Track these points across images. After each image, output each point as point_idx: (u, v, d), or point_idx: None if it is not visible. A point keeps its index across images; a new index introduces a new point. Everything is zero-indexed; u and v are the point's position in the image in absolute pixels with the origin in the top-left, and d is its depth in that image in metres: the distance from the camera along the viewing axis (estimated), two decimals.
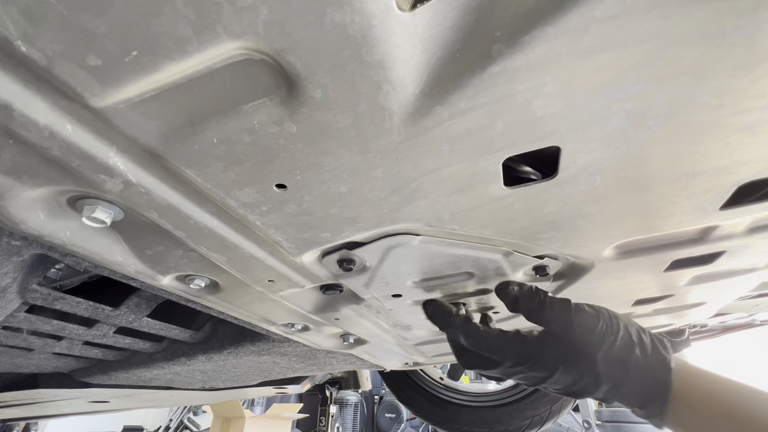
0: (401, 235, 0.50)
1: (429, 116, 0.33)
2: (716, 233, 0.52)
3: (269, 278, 0.58)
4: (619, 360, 0.50)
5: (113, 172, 0.36)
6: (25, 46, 0.25)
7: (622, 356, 0.50)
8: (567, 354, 0.52)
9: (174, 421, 4.71)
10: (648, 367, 0.49)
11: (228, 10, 0.24)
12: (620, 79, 0.30)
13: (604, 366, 0.50)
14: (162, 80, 0.28)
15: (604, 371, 0.50)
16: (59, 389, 1.28)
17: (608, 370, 0.50)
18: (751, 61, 0.29)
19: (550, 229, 0.49)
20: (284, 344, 1.01)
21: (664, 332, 1.85)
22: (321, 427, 3.54)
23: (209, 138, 0.33)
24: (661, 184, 0.41)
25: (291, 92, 0.30)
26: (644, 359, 0.50)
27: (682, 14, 0.26)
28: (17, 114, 0.29)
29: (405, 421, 6.08)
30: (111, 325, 0.86)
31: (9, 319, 0.72)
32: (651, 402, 0.49)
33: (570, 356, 0.52)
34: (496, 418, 2.02)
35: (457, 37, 0.28)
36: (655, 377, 0.49)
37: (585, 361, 0.51)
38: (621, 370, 0.50)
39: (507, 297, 0.56)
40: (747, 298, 1.04)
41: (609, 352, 0.50)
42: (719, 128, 0.34)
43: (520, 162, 0.45)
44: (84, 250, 0.47)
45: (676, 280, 0.69)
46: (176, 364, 1.09)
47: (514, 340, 0.56)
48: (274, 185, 0.39)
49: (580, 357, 0.51)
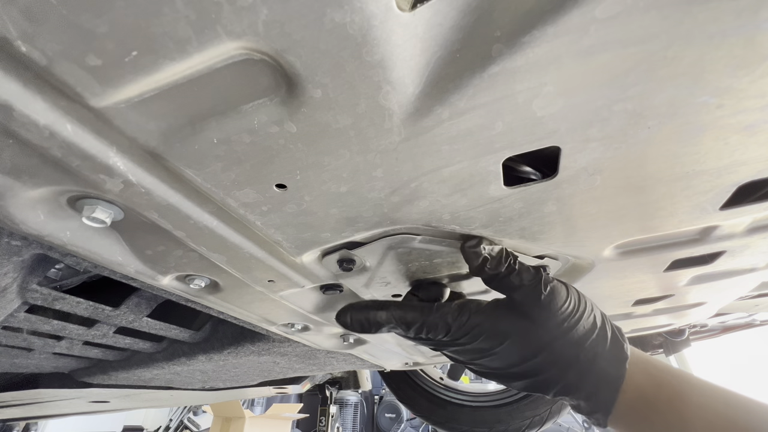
0: (401, 235, 0.50)
1: (429, 116, 0.33)
2: (716, 233, 0.52)
3: (269, 278, 0.58)
4: (576, 344, 0.45)
5: (113, 172, 0.36)
6: (25, 46, 0.25)
7: (581, 340, 0.45)
8: (523, 327, 0.46)
9: (174, 421, 4.71)
10: (606, 355, 0.45)
11: (228, 10, 0.24)
12: (620, 79, 0.30)
13: (559, 348, 0.45)
14: (162, 80, 0.28)
15: (559, 352, 0.45)
16: (59, 389, 1.28)
17: (562, 353, 0.45)
18: (751, 61, 0.29)
19: (550, 229, 0.49)
20: (284, 344, 1.01)
21: (664, 332, 1.85)
22: (321, 427, 3.54)
23: (209, 138, 0.33)
24: (661, 184, 0.41)
25: (291, 92, 0.30)
26: (602, 346, 0.45)
27: (682, 14, 0.26)
28: (17, 114, 0.29)
29: (405, 421, 6.09)
30: (111, 325, 0.86)
31: (9, 319, 0.72)
32: (598, 393, 0.45)
33: (525, 330, 0.46)
34: (496, 418, 2.02)
35: (457, 37, 0.28)
36: (610, 366, 0.44)
37: (540, 338, 0.45)
38: (575, 354, 0.44)
39: (476, 257, 0.48)
40: (747, 298, 1.04)
41: (569, 333, 0.45)
42: (719, 128, 0.34)
43: (520, 162, 0.46)
44: (84, 250, 0.47)
45: (676, 280, 0.69)
46: (176, 364, 1.09)
47: (458, 309, 0.49)
48: (274, 185, 0.39)
49: (535, 333, 0.46)
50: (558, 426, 4.59)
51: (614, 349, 0.46)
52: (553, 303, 0.46)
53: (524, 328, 0.46)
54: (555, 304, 0.46)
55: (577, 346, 0.45)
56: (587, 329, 0.46)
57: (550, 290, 0.46)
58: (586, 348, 0.45)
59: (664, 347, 2.25)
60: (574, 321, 0.45)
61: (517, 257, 0.49)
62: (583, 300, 0.48)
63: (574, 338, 0.45)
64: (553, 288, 0.47)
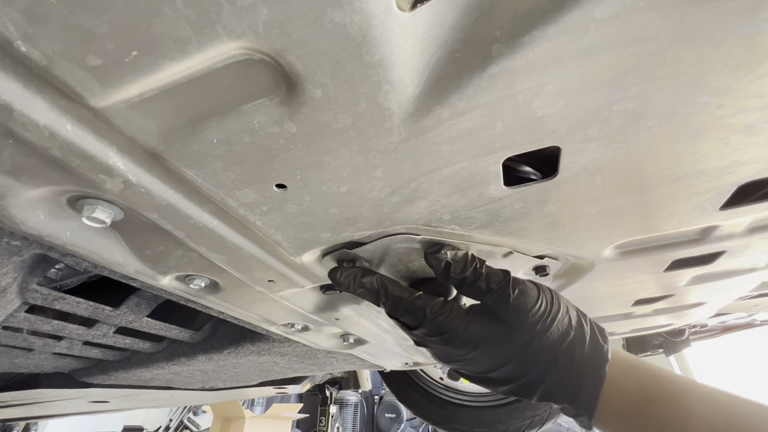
0: (401, 235, 0.50)
1: (429, 116, 0.33)
2: (716, 233, 0.52)
3: (269, 278, 0.58)
4: (552, 346, 0.44)
5: (113, 172, 0.36)
6: (25, 46, 0.25)
7: (557, 342, 0.44)
8: (495, 332, 0.45)
9: (174, 421, 4.71)
10: (584, 356, 0.44)
11: (228, 10, 0.24)
12: (620, 79, 0.30)
13: (535, 351, 0.44)
14: (162, 80, 0.28)
15: (533, 357, 0.44)
16: (59, 389, 1.28)
17: (538, 356, 0.44)
18: (751, 61, 0.29)
19: (550, 229, 0.49)
20: (284, 344, 1.01)
21: (664, 332, 1.85)
22: (321, 427, 3.54)
23: (209, 138, 0.33)
24: (661, 184, 0.41)
25: (291, 92, 0.30)
26: (581, 348, 0.44)
27: (682, 14, 0.26)
28: (17, 114, 0.29)
29: (405, 421, 6.08)
30: (111, 325, 0.86)
31: (9, 319, 0.72)
32: (579, 396, 0.44)
33: (498, 334, 0.45)
34: (496, 418, 2.02)
35: (457, 37, 0.28)
36: (589, 368, 0.43)
37: (514, 342, 0.44)
38: (553, 357, 0.43)
39: (438, 263, 0.48)
40: (747, 298, 1.05)
41: (543, 335, 0.44)
42: (719, 128, 0.34)
43: (520, 162, 0.46)
44: (84, 250, 0.47)
45: (676, 280, 0.69)
46: (176, 364, 1.09)
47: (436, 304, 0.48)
48: (274, 185, 0.39)
49: (509, 337, 0.45)
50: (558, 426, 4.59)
51: (593, 350, 0.44)
52: (522, 305, 0.45)
53: (496, 333, 0.45)
54: (525, 306, 0.45)
55: (553, 349, 0.44)
56: (562, 331, 0.45)
57: (519, 292, 0.45)
58: (563, 350, 0.44)
59: (664, 347, 2.25)
60: (548, 323, 0.44)
61: (484, 261, 0.49)
62: (557, 301, 0.47)
63: (549, 341, 0.44)
64: (522, 290, 0.46)
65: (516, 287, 0.46)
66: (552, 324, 0.44)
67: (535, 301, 0.45)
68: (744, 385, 3.58)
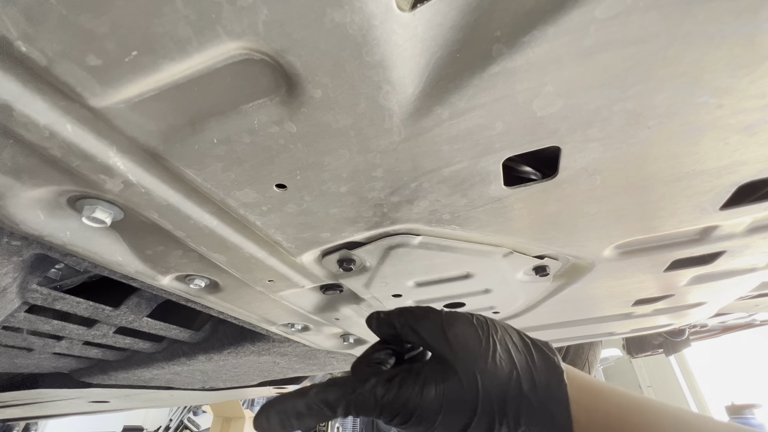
0: (401, 235, 0.50)
1: (429, 116, 0.33)
2: (716, 233, 0.52)
3: (269, 278, 0.58)
4: (503, 376, 0.38)
5: (113, 172, 0.36)
6: (25, 46, 0.25)
7: (506, 372, 0.39)
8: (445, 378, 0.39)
9: (174, 421, 4.71)
10: (543, 380, 0.39)
11: (228, 10, 0.24)
12: (620, 79, 0.30)
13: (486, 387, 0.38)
14: (162, 80, 0.28)
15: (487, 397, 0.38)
16: (59, 389, 1.28)
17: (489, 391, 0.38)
18: (751, 61, 0.28)
19: (550, 229, 0.49)
20: (284, 344, 1.02)
21: (664, 332, 1.85)
22: (321, 427, 3.54)
23: (209, 138, 0.33)
24: (661, 184, 0.41)
25: (291, 92, 0.30)
26: (535, 370, 0.39)
27: (682, 14, 0.26)
28: (17, 114, 0.29)
29: None
30: (111, 325, 0.86)
31: (9, 319, 0.72)
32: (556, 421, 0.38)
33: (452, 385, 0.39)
34: None
35: (457, 37, 0.28)
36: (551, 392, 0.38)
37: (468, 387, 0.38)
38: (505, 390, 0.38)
39: (376, 324, 0.44)
40: (747, 298, 1.04)
41: (490, 367, 0.39)
42: (719, 128, 0.34)
43: (520, 162, 0.46)
44: (84, 250, 0.47)
45: (676, 280, 0.69)
46: (176, 364, 1.09)
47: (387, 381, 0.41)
48: (274, 185, 0.39)
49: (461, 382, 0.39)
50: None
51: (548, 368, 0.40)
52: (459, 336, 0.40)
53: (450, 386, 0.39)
54: (462, 336, 0.40)
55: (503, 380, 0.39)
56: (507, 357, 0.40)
57: (451, 323, 0.41)
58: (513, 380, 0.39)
59: (664, 347, 2.25)
60: (491, 352, 0.40)
61: (414, 306, 0.45)
62: (489, 323, 0.42)
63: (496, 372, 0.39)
64: (453, 319, 0.41)
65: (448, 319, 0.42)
66: (496, 350, 0.40)
67: (469, 325, 0.41)
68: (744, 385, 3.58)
